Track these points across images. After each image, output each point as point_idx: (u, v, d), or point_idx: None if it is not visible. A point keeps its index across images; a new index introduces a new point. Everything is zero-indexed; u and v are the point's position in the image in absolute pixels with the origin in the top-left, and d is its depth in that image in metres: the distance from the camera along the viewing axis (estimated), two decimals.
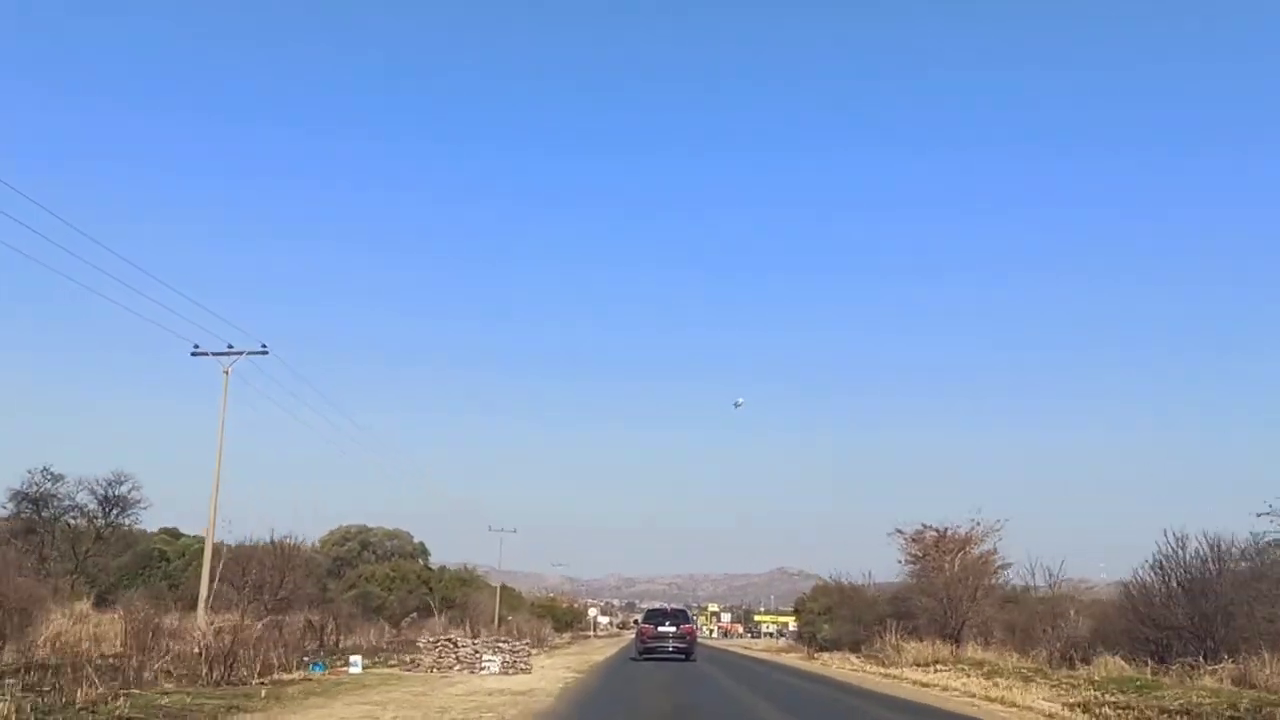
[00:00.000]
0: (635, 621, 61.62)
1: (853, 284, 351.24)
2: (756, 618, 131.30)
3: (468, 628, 55.75)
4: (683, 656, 32.93)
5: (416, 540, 65.82)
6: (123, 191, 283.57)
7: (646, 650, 33.58)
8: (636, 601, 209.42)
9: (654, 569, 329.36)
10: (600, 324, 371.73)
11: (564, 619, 78.02)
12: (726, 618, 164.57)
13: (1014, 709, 15.68)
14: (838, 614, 59.63)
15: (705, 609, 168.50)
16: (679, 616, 36.31)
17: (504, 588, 68.03)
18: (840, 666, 32.87)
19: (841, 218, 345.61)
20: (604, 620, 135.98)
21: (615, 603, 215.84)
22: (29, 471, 39.35)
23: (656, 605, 55.49)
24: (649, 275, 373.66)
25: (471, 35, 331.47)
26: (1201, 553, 23.73)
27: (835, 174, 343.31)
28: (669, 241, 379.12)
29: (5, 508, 38.88)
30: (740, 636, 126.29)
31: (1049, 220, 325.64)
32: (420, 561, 61.88)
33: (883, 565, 58.79)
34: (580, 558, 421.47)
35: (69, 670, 14.38)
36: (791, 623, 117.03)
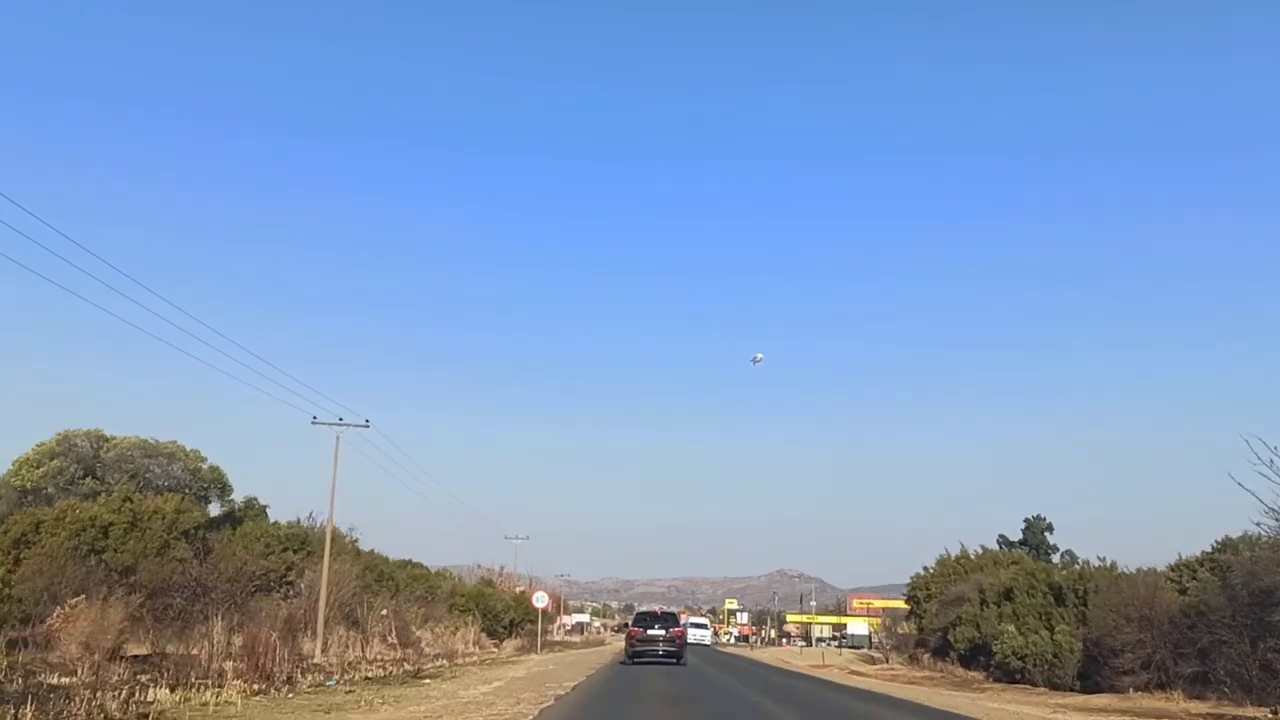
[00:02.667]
0: (625, 624, 60.77)
1: (854, 286, 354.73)
2: (791, 618, 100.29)
3: (207, 638, 24.44)
4: (673, 660, 32.10)
5: (210, 464, 34.87)
6: (122, 192, 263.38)
7: (636, 654, 32.61)
8: (635, 604, 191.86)
9: (653, 571, 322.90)
10: (601, 327, 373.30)
11: (505, 617, 47.17)
12: (744, 618, 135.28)
13: None
14: (1038, 604, 28.96)
15: (723, 609, 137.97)
16: (668, 619, 35.26)
17: (356, 551, 36.97)
18: None
19: (839, 222, 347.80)
20: (588, 620, 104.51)
21: (613, 604, 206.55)
22: None
23: (646, 609, 50.31)
24: (648, 279, 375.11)
25: (484, 40, 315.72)
26: None
27: (834, 180, 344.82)
28: (670, 246, 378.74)
29: None
30: (772, 644, 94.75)
31: (1045, 224, 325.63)
32: (201, 499, 31.27)
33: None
34: (578, 559, 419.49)
35: None
36: (866, 624, 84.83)
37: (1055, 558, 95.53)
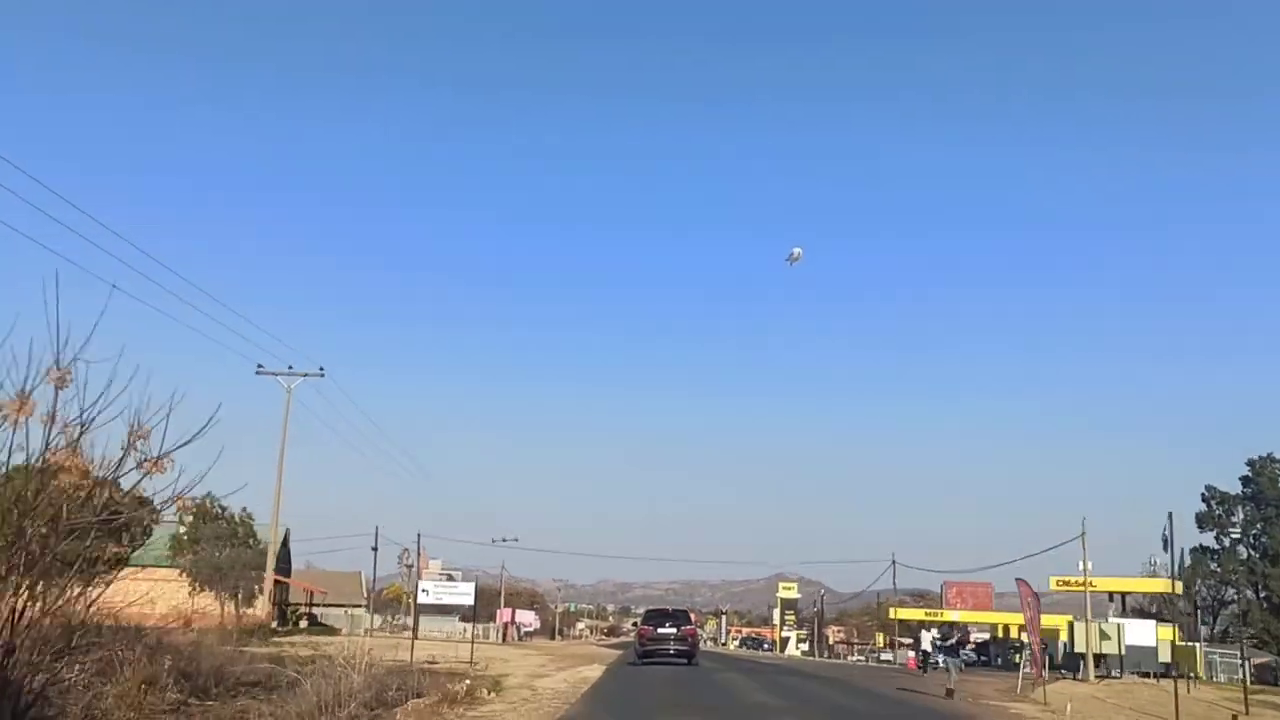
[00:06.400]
0: (634, 625, 64.54)
1: (852, 287, 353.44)
2: (902, 614, 65.31)
3: None
4: (684, 660, 31.54)
5: None
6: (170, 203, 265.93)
7: (646, 654, 32.40)
8: (632, 607, 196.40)
9: (651, 573, 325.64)
10: (600, 330, 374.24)
11: None
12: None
13: None
14: None
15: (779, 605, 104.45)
16: (680, 618, 34.73)
17: None
18: None
19: (837, 235, 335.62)
20: (460, 601, 70.54)
21: (610, 607, 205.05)
22: None
23: (656, 607, 47.23)
24: (648, 288, 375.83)
25: (500, 50, 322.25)
26: None
27: (828, 197, 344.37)
28: (669, 258, 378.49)
29: None
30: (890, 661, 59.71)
31: (1036, 232, 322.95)
32: None
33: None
34: (576, 560, 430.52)
35: None
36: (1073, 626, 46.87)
37: None
